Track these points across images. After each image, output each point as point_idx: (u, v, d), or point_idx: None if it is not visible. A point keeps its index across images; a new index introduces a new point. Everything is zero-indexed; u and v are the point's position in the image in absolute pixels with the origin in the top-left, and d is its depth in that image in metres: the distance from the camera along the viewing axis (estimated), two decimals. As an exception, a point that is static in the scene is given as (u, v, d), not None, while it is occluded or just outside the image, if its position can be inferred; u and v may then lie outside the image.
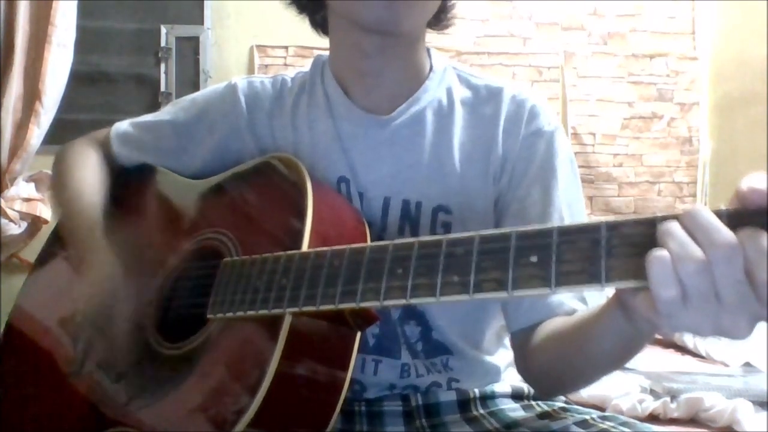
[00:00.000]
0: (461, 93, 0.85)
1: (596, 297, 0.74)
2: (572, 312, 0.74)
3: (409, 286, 0.55)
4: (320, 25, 0.88)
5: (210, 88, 0.94)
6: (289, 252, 0.66)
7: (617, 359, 0.65)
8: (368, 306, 0.58)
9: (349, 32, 0.80)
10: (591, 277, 0.47)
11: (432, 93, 0.84)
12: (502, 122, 0.82)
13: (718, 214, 0.45)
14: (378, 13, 0.73)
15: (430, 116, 0.83)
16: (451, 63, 0.89)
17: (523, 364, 0.79)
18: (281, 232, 0.72)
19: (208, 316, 0.71)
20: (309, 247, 0.67)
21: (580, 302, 0.75)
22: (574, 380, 0.75)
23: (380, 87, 0.83)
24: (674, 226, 0.45)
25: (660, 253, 0.45)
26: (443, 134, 0.83)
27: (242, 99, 0.88)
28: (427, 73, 0.85)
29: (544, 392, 0.84)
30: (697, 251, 0.44)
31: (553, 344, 0.72)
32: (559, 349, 0.72)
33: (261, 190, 0.81)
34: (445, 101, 0.84)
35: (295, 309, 0.62)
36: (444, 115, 0.84)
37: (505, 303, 0.80)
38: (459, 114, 0.84)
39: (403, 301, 0.55)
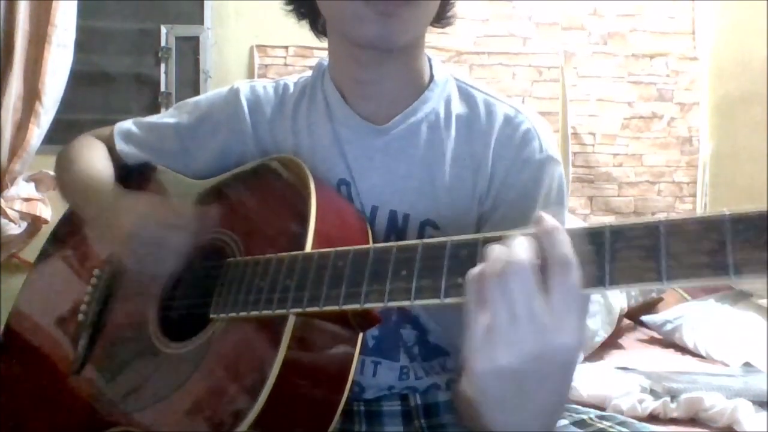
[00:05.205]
0: (459, 107, 0.84)
1: None
2: None
3: (414, 288, 0.55)
4: (321, 31, 0.88)
5: (213, 91, 0.94)
6: (293, 253, 0.66)
7: None
8: (372, 307, 0.58)
9: (345, 44, 0.79)
10: (595, 279, 0.47)
11: (430, 105, 0.83)
12: (493, 142, 0.81)
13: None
14: (372, 31, 0.73)
15: (425, 129, 0.82)
16: (454, 74, 0.88)
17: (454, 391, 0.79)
18: (284, 232, 0.72)
19: (212, 315, 0.71)
20: (312, 247, 0.67)
21: None
22: None
23: (378, 96, 0.82)
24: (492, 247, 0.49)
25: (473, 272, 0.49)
26: (436, 148, 0.82)
27: (245, 104, 0.88)
28: (426, 82, 0.85)
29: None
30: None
31: (461, 405, 0.73)
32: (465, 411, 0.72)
33: (264, 190, 0.81)
34: (442, 114, 0.83)
35: (299, 310, 0.62)
36: (439, 128, 0.83)
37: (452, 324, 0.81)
38: (454, 128, 0.83)
39: (407, 303, 0.55)
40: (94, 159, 0.93)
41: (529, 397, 0.49)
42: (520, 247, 0.47)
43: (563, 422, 0.79)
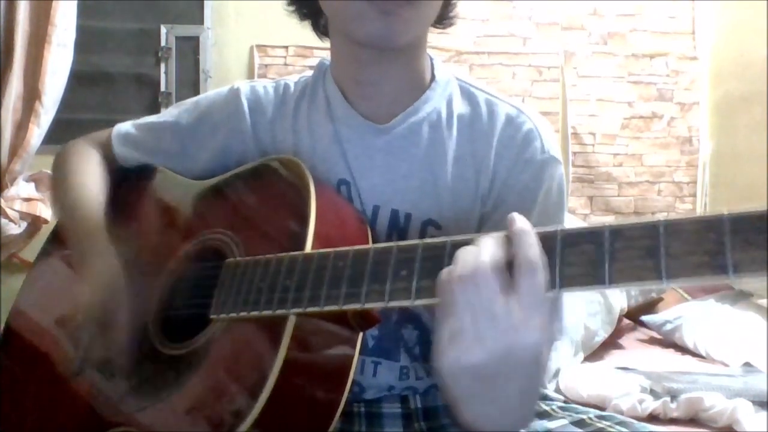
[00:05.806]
0: (460, 106, 0.84)
1: None
2: None
3: (414, 288, 0.55)
4: (323, 31, 0.88)
5: (213, 91, 0.94)
6: (293, 253, 0.66)
7: None
8: (372, 307, 0.58)
9: (347, 43, 0.79)
10: (596, 279, 0.47)
11: (432, 104, 0.83)
12: (495, 142, 0.81)
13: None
14: (373, 30, 0.73)
15: (426, 128, 0.82)
16: (456, 74, 0.88)
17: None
18: (284, 233, 0.72)
19: (211, 316, 0.71)
20: (312, 247, 0.67)
21: None
22: None
23: (379, 95, 0.82)
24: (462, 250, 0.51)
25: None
26: (438, 147, 0.82)
27: (245, 103, 0.88)
28: (428, 82, 0.85)
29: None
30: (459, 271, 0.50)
31: None
32: None
33: (263, 190, 0.81)
34: (444, 114, 0.83)
35: (299, 310, 0.62)
36: (441, 127, 0.82)
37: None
38: (456, 128, 0.83)
39: (407, 303, 0.55)
40: (85, 181, 0.92)
41: (498, 394, 0.51)
42: (484, 250, 0.50)
43: (563, 422, 0.79)
